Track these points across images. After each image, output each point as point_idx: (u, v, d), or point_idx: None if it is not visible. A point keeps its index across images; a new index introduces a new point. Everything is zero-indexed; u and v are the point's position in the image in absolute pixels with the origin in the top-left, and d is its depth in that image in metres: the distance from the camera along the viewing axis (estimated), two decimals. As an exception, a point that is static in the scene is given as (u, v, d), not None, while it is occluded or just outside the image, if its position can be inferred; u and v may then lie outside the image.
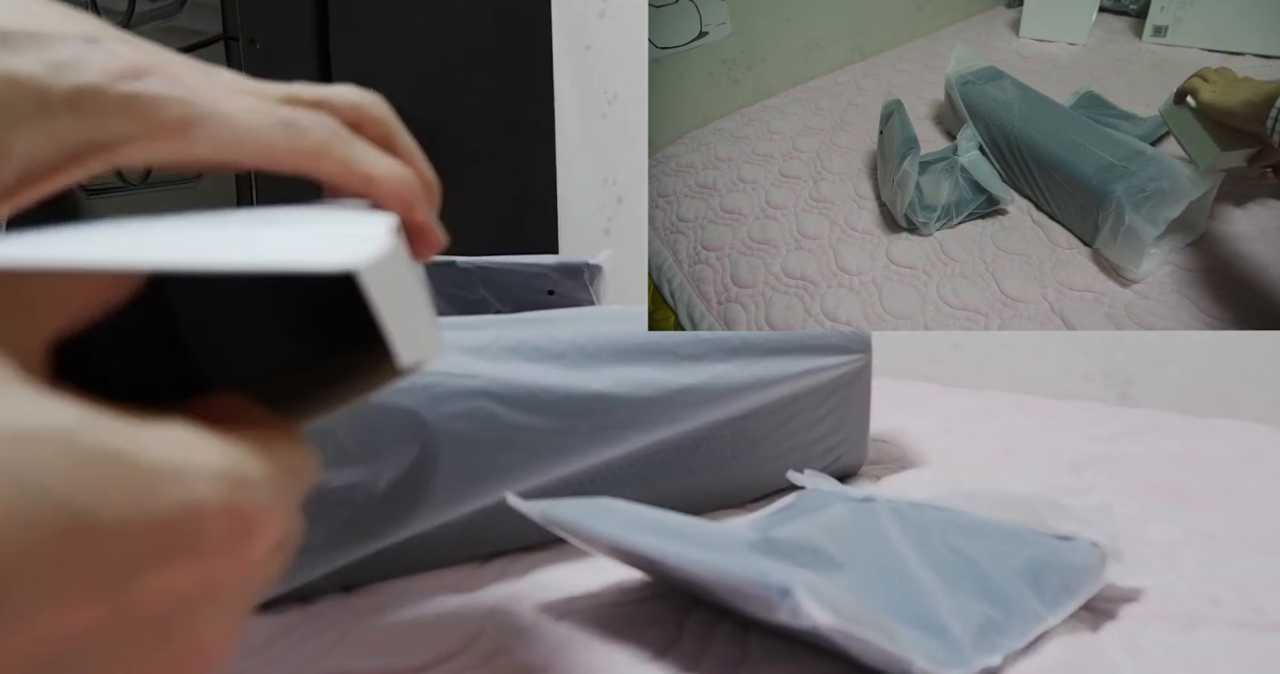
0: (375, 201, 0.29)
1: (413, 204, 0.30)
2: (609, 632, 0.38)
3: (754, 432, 0.55)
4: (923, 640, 0.32)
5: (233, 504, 0.17)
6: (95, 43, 0.26)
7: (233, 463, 0.17)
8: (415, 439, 0.41)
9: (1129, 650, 0.36)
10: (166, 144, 0.26)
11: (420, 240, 0.31)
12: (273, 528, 0.18)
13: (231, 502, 0.17)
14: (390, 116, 0.31)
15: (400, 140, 0.31)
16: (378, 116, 0.31)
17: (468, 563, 0.46)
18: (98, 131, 0.25)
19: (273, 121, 0.27)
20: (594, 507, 0.40)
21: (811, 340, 0.57)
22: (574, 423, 0.45)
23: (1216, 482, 0.60)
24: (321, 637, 0.38)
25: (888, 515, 0.43)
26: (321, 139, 0.28)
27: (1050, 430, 0.76)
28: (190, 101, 0.26)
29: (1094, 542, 0.40)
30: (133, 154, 0.26)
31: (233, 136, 0.27)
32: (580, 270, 0.67)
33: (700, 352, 0.52)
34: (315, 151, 0.28)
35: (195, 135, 0.26)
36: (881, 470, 0.64)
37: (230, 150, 0.27)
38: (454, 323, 0.47)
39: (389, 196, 0.29)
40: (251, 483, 0.17)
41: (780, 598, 0.30)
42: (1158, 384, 0.89)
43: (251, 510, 0.17)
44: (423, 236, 0.31)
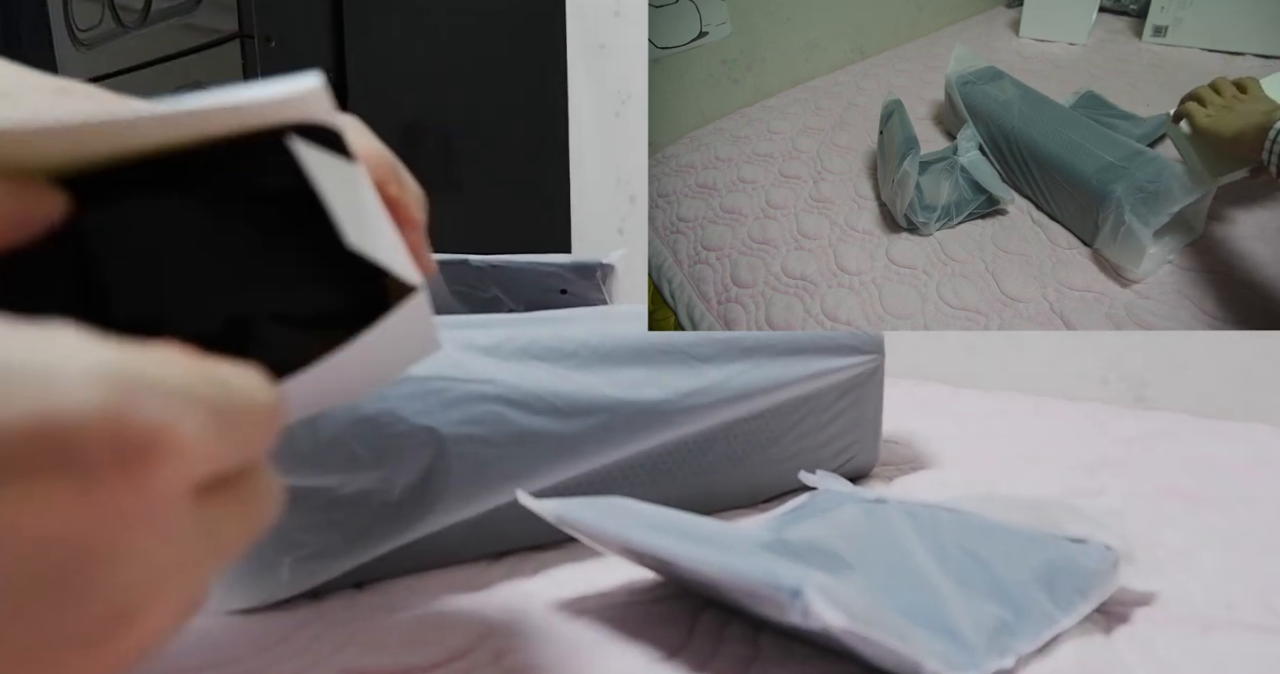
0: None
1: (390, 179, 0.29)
2: (620, 631, 0.38)
3: (766, 432, 0.55)
4: (934, 642, 0.32)
5: (112, 410, 0.14)
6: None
7: (117, 365, 0.15)
8: (428, 445, 0.41)
9: (1142, 654, 0.36)
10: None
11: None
12: (184, 451, 0.15)
13: (110, 407, 0.14)
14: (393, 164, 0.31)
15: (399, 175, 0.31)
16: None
17: (479, 561, 0.46)
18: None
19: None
20: (606, 506, 0.40)
21: (824, 341, 0.57)
22: (586, 424, 0.46)
23: (1232, 485, 0.60)
24: (333, 634, 0.38)
25: (900, 517, 0.43)
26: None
27: (1065, 433, 0.76)
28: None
29: (1107, 545, 0.40)
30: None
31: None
32: (593, 270, 0.67)
33: (713, 352, 0.52)
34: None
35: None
36: (894, 472, 0.64)
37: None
38: (466, 322, 0.47)
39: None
40: (141, 389, 0.15)
41: (791, 598, 0.30)
42: (1174, 386, 0.89)
43: (142, 422, 0.15)
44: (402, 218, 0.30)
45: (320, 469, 0.38)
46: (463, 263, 0.65)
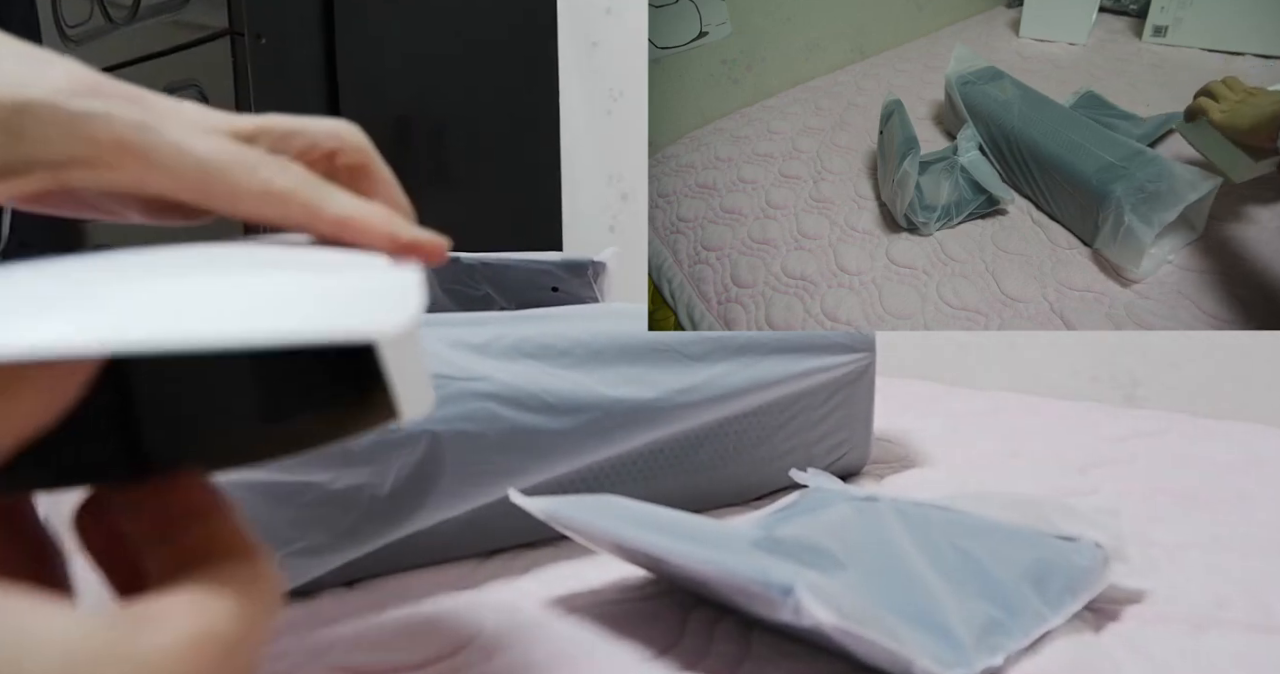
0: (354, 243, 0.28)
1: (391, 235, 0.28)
2: (611, 629, 0.38)
3: (757, 430, 0.55)
4: (925, 640, 0.32)
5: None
6: (50, 63, 0.24)
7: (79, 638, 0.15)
8: (420, 442, 0.41)
9: (1133, 651, 0.36)
10: (119, 170, 0.25)
11: (418, 254, 0.28)
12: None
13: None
14: (368, 146, 0.30)
15: (377, 169, 0.30)
16: (355, 145, 0.30)
17: (470, 558, 0.46)
18: (37, 149, 0.24)
19: (238, 162, 0.26)
20: (597, 503, 0.40)
21: (815, 340, 0.57)
22: (578, 422, 0.46)
23: (1224, 484, 0.60)
24: (324, 632, 0.38)
25: (891, 515, 0.43)
26: (290, 184, 0.26)
27: (1057, 432, 0.76)
28: (150, 126, 0.25)
29: (1098, 543, 0.40)
30: (80, 177, 0.25)
31: (191, 170, 0.25)
32: (585, 267, 0.67)
33: (704, 351, 0.52)
34: (282, 197, 0.26)
35: (151, 163, 0.25)
36: (885, 470, 0.64)
37: (188, 185, 0.25)
38: (457, 319, 0.47)
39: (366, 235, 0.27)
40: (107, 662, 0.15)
41: (783, 596, 0.30)
42: (1165, 385, 0.89)
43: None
44: (419, 251, 0.28)
45: (312, 466, 0.38)
46: (454, 261, 0.65)
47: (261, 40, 1.19)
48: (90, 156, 0.24)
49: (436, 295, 0.64)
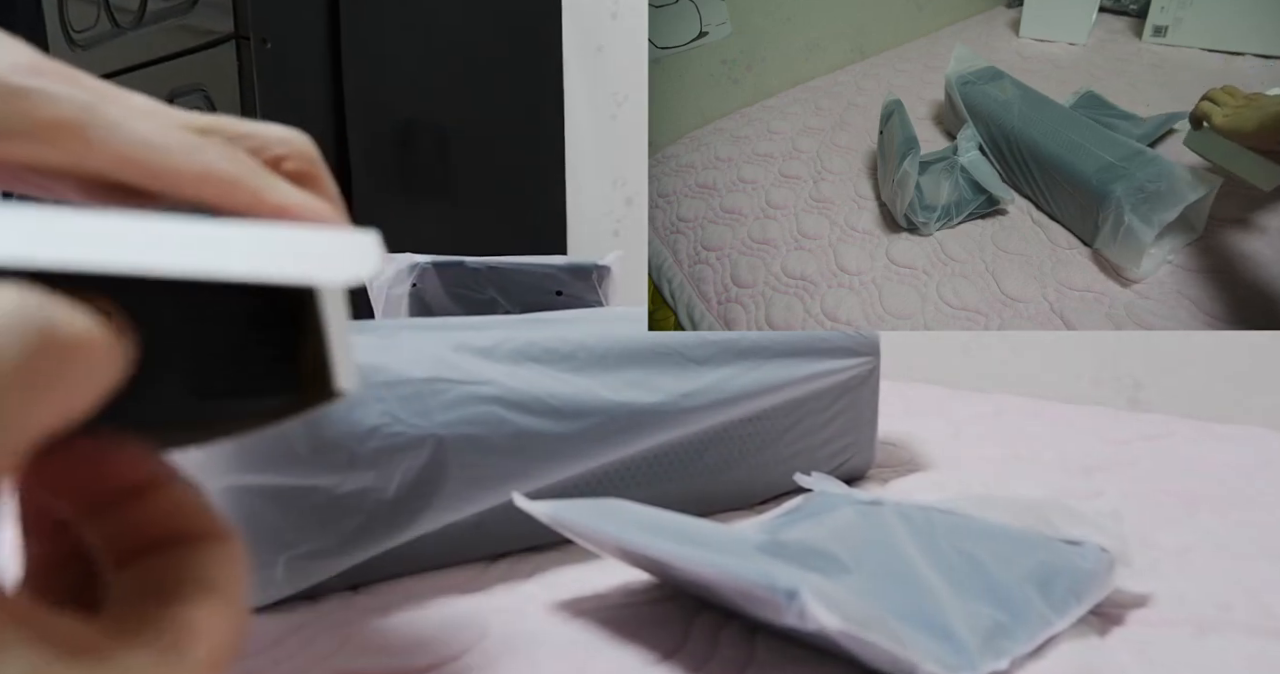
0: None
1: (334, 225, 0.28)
2: (616, 633, 0.38)
3: (761, 434, 0.55)
4: (930, 644, 0.32)
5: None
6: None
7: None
8: (425, 446, 0.41)
9: (1138, 655, 0.36)
10: (57, 145, 0.24)
11: None
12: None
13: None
14: (316, 156, 0.30)
15: (322, 179, 0.30)
16: (304, 152, 0.30)
17: (475, 562, 0.46)
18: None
19: (180, 143, 0.26)
20: (601, 507, 0.40)
21: (820, 343, 0.57)
22: (582, 426, 0.46)
23: (1229, 487, 0.60)
24: (329, 636, 0.38)
25: (895, 518, 0.43)
26: (234, 169, 0.27)
27: (1061, 435, 0.76)
28: (90, 105, 0.25)
29: (1102, 547, 0.40)
30: (17, 151, 0.24)
31: (132, 149, 0.25)
32: (589, 271, 0.67)
33: (709, 354, 0.52)
34: (226, 179, 0.26)
35: (90, 140, 0.24)
36: (889, 473, 0.64)
37: (130, 164, 0.25)
38: (462, 323, 0.47)
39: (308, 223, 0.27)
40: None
41: (787, 600, 0.30)
42: (1168, 387, 0.89)
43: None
44: None
45: (317, 469, 0.38)
46: (459, 264, 0.65)
47: (267, 45, 1.19)
48: (26, 130, 0.24)
49: (441, 299, 0.64)
